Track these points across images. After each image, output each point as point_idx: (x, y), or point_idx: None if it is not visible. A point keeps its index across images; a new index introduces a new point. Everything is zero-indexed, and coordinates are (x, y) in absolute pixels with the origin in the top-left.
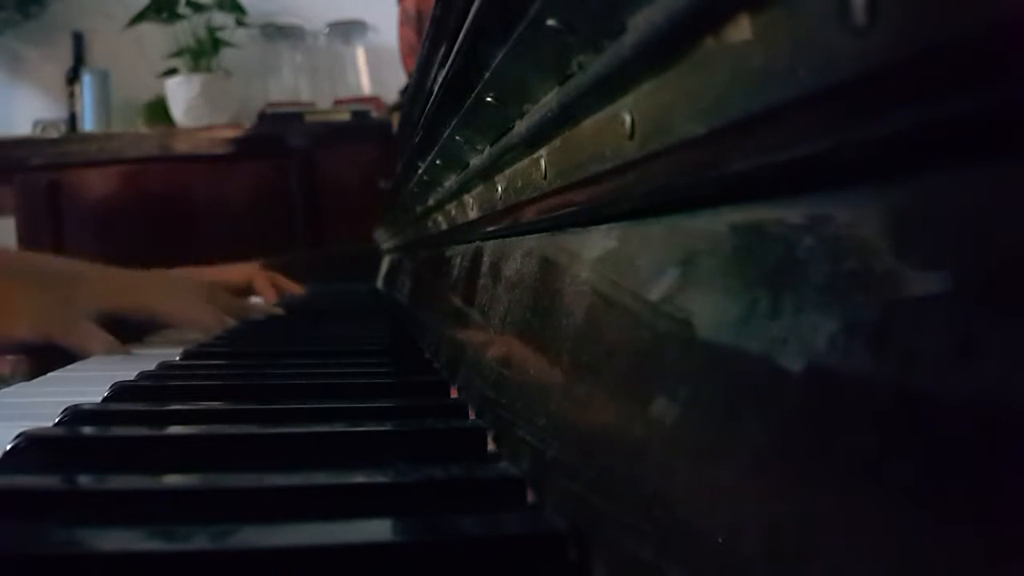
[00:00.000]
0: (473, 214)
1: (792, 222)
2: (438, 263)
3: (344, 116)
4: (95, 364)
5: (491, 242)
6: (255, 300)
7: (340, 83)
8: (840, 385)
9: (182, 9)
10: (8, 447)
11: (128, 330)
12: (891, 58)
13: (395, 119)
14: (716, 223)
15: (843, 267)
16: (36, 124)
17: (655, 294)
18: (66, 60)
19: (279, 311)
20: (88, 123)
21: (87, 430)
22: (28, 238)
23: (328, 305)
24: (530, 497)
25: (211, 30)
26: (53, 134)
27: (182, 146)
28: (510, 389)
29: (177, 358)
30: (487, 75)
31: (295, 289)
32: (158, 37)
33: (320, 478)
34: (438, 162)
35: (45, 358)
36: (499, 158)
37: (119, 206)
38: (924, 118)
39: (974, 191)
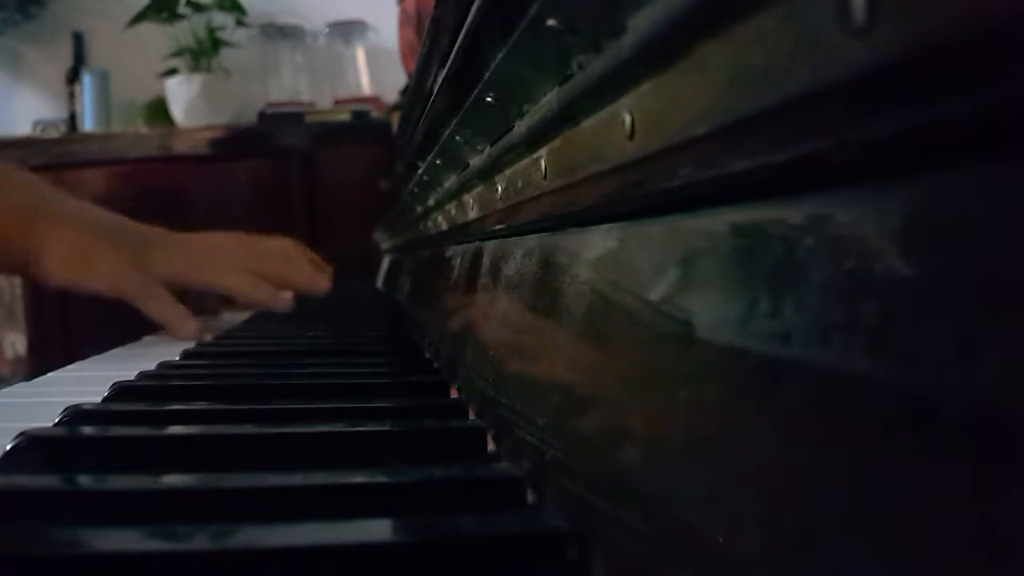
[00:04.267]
0: (473, 214)
1: (792, 222)
2: (438, 263)
3: (344, 116)
4: (95, 364)
5: (491, 242)
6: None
7: (340, 83)
8: (840, 385)
9: (182, 9)
10: (8, 447)
11: (183, 296)
12: (891, 58)
13: (395, 119)
14: (716, 223)
15: (843, 267)
16: (36, 124)
17: (655, 294)
18: (66, 60)
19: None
20: (88, 123)
21: (87, 430)
22: None
23: (327, 305)
24: (530, 497)
25: (211, 30)
26: (53, 134)
27: (182, 146)
28: (510, 389)
29: (177, 358)
30: (487, 75)
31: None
32: (158, 37)
33: (320, 478)
34: (438, 162)
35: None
36: (499, 158)
37: (119, 206)
38: (924, 118)
39: (974, 191)
